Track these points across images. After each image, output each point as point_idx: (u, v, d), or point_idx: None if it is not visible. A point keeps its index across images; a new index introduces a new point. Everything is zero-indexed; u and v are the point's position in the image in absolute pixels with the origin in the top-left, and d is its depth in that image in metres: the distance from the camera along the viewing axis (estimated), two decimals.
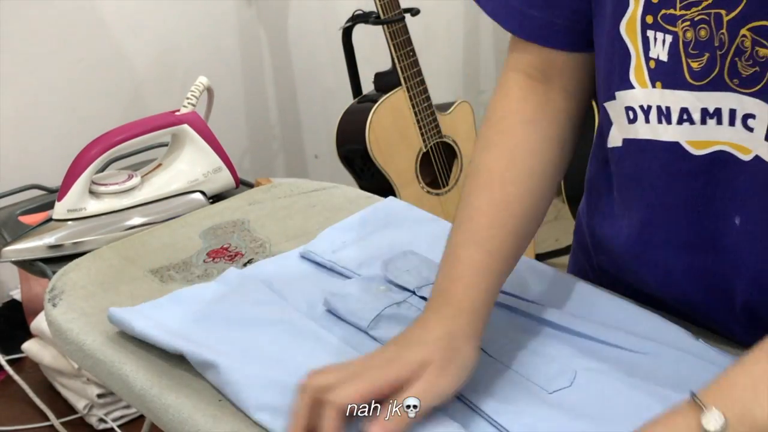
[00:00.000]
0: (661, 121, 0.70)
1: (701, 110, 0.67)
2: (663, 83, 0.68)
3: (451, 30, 2.39)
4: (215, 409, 0.70)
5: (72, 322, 0.83)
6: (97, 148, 1.17)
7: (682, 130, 0.69)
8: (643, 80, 0.70)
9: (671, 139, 0.70)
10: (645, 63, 0.69)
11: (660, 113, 0.70)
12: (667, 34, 0.67)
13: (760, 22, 0.62)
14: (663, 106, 0.69)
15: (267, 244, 0.95)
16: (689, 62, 0.66)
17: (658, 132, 0.70)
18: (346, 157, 1.91)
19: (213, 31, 1.94)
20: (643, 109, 0.71)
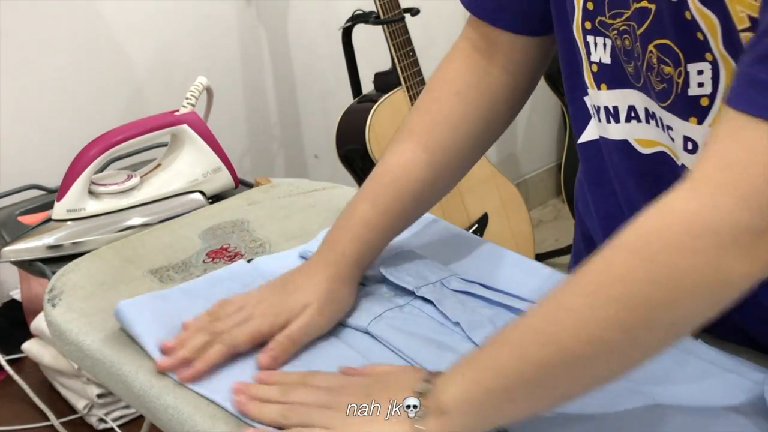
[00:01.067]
0: (609, 120, 0.72)
1: (644, 109, 0.69)
2: (608, 84, 0.70)
3: (451, 30, 2.39)
4: (214, 409, 0.70)
5: (71, 322, 0.83)
6: (96, 149, 1.18)
7: (630, 128, 0.70)
8: (591, 81, 0.72)
9: (620, 137, 0.72)
10: (588, 67, 0.72)
11: (608, 113, 0.71)
12: (606, 38, 0.69)
13: (662, 40, 0.63)
14: (610, 106, 0.71)
15: (266, 245, 0.95)
16: (626, 67, 0.68)
17: (609, 131, 0.72)
18: (346, 157, 1.91)
19: (213, 31, 1.94)
20: (596, 108, 0.73)
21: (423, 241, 0.91)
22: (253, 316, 0.75)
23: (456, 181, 0.86)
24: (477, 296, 0.80)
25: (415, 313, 0.78)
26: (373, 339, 0.76)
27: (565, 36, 0.74)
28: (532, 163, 2.78)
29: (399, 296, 0.81)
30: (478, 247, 0.91)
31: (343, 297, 0.78)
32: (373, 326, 0.77)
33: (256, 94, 2.06)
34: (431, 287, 0.81)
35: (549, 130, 2.79)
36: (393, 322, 0.77)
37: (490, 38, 0.82)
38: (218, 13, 1.93)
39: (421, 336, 0.75)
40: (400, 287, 0.81)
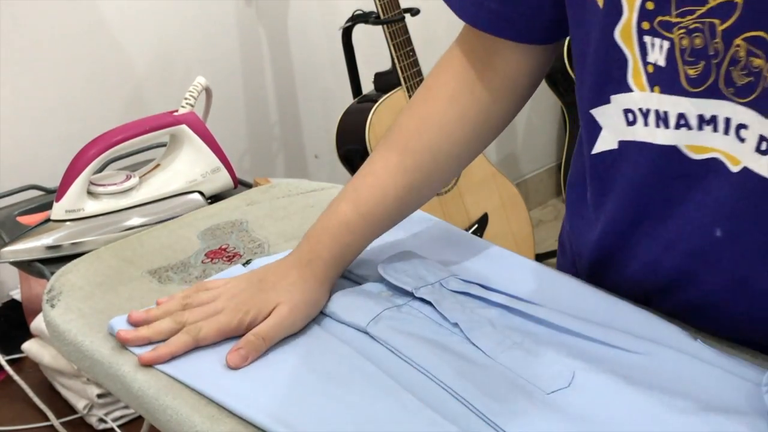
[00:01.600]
0: (659, 125, 0.70)
1: (698, 116, 0.67)
2: (661, 88, 0.68)
3: (451, 30, 2.39)
4: (213, 409, 0.70)
5: (70, 323, 0.83)
6: (95, 149, 1.18)
7: (680, 135, 0.69)
8: (641, 84, 0.70)
9: (669, 143, 0.70)
10: (643, 67, 0.69)
11: (658, 117, 0.70)
12: (664, 40, 0.67)
13: (754, 32, 0.62)
14: (661, 111, 0.69)
15: (265, 245, 0.95)
16: (686, 69, 0.66)
17: (656, 135, 0.70)
18: (346, 157, 1.91)
19: (212, 31, 1.94)
20: (642, 112, 0.71)
21: (422, 241, 0.91)
22: (223, 311, 0.75)
23: (442, 185, 0.85)
24: (476, 297, 0.80)
25: (413, 314, 0.78)
26: (371, 339, 0.76)
27: (597, 44, 0.72)
28: (532, 163, 2.78)
29: (397, 296, 0.81)
30: (478, 247, 0.91)
31: (317, 298, 0.79)
32: (371, 327, 0.77)
33: (256, 94, 2.06)
34: (430, 288, 0.81)
35: (549, 130, 2.79)
36: (391, 322, 0.77)
37: (489, 47, 0.80)
38: (218, 12, 1.94)
39: (419, 336, 0.75)
40: (399, 288, 0.81)
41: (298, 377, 0.72)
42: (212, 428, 0.68)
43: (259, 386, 0.71)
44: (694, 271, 0.73)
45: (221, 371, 0.72)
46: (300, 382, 0.71)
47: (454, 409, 0.67)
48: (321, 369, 0.72)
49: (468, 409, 0.67)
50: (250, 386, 0.71)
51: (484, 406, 0.67)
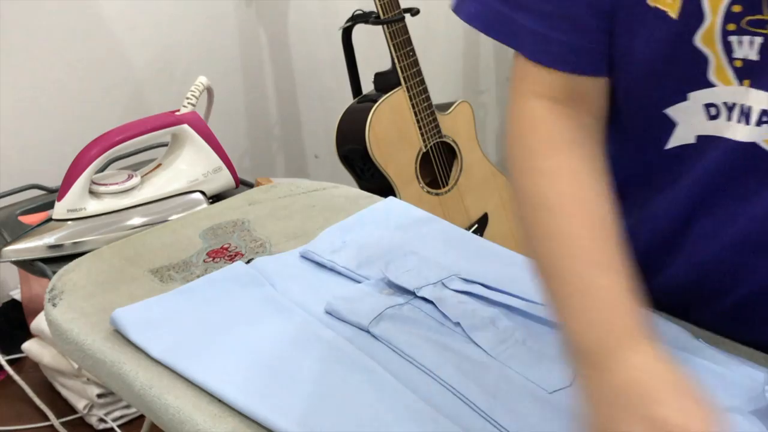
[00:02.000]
0: (740, 120, 0.69)
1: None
2: (752, 82, 0.67)
3: (451, 30, 2.39)
4: (215, 408, 0.70)
5: (72, 322, 0.83)
6: (97, 148, 1.18)
7: (760, 131, 0.68)
8: (726, 79, 0.68)
9: (747, 140, 0.69)
10: (728, 64, 0.68)
11: (741, 112, 0.69)
12: (755, 36, 0.66)
13: None
14: (746, 105, 0.68)
15: (267, 244, 0.96)
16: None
17: (735, 131, 0.69)
18: (346, 157, 1.91)
19: (213, 31, 1.94)
20: (727, 106, 0.69)
21: (424, 240, 0.91)
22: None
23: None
24: (478, 296, 0.80)
25: (415, 313, 0.78)
26: (373, 337, 0.76)
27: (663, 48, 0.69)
28: None
29: (399, 295, 0.81)
30: (479, 246, 0.91)
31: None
32: (373, 326, 0.77)
33: (256, 94, 2.06)
34: (431, 287, 0.81)
35: None
36: (393, 321, 0.77)
37: (568, 86, 0.72)
38: (218, 13, 1.94)
39: (421, 335, 0.75)
40: (401, 287, 0.81)
41: (301, 376, 0.72)
42: (214, 426, 0.68)
43: (262, 385, 0.71)
44: (753, 266, 0.72)
45: (232, 372, 0.72)
46: (302, 380, 0.71)
47: (456, 408, 0.67)
48: (323, 368, 0.72)
49: (470, 408, 0.67)
50: (255, 386, 0.71)
51: (485, 404, 0.67)
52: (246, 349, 0.75)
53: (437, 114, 1.92)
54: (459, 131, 1.99)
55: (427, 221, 0.96)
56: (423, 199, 1.92)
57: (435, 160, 1.96)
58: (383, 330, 0.76)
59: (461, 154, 2.00)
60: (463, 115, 2.00)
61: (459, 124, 1.99)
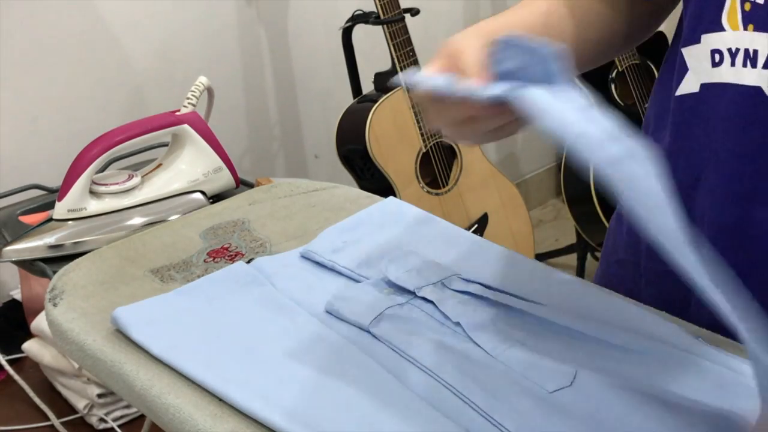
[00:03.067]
0: (746, 64, 0.69)
1: None
2: (755, 25, 0.68)
3: (451, 30, 2.39)
4: (216, 408, 0.70)
5: (72, 321, 0.83)
6: (97, 148, 1.18)
7: (766, 75, 0.68)
8: (735, 23, 0.69)
9: (754, 84, 0.69)
10: (740, 5, 0.69)
11: (746, 56, 0.69)
12: None
13: None
14: (751, 50, 0.69)
15: (267, 244, 0.96)
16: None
17: (742, 76, 0.70)
18: (346, 157, 1.91)
19: (213, 31, 1.94)
20: (731, 52, 0.70)
21: (423, 240, 0.91)
22: None
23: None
24: (478, 296, 0.81)
25: (415, 312, 0.78)
26: (373, 337, 0.76)
27: None
28: (532, 163, 2.79)
29: (399, 294, 0.81)
30: (479, 247, 0.92)
31: None
32: (373, 326, 0.77)
33: (256, 94, 2.06)
34: (431, 287, 0.81)
35: None
36: (393, 321, 0.77)
37: None
38: (218, 12, 1.94)
39: (421, 335, 0.75)
40: (400, 286, 0.82)
41: (301, 376, 0.72)
42: (214, 426, 0.68)
43: (263, 384, 0.71)
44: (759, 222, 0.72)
45: (233, 371, 0.72)
46: (303, 380, 0.71)
47: (457, 408, 0.67)
48: (323, 367, 0.72)
49: (470, 408, 0.67)
50: (256, 385, 0.71)
51: (486, 404, 0.67)
52: (246, 348, 0.75)
53: None
54: None
55: (427, 221, 0.96)
56: (423, 199, 1.92)
57: (435, 160, 1.96)
58: (384, 330, 0.76)
59: (461, 154, 2.00)
60: None
61: None
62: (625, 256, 0.89)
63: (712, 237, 0.76)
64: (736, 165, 0.73)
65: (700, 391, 0.68)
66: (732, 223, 0.74)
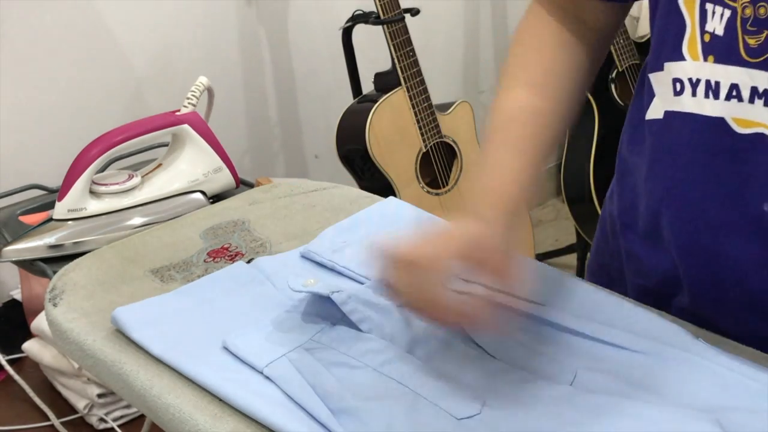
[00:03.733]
0: (708, 95, 0.69)
1: (751, 88, 0.67)
2: (716, 57, 0.68)
3: (451, 30, 2.39)
4: (216, 408, 0.70)
5: (72, 321, 0.83)
6: (97, 148, 1.18)
7: (729, 107, 0.68)
8: (695, 53, 0.69)
9: (717, 115, 0.69)
10: (699, 36, 0.69)
11: (708, 87, 0.69)
12: (726, 9, 0.66)
13: None
14: (712, 81, 0.69)
15: (267, 244, 0.96)
16: (746, 39, 0.66)
17: (704, 106, 0.70)
18: (346, 157, 1.91)
19: (213, 31, 1.94)
20: (692, 82, 0.70)
21: None
22: None
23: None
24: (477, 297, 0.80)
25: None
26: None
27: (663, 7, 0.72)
28: None
29: None
30: None
31: None
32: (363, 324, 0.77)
33: (256, 94, 2.06)
34: None
35: None
36: (394, 322, 0.77)
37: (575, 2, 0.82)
38: (218, 13, 1.94)
39: (421, 334, 0.75)
40: None
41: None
42: (214, 426, 0.68)
43: (263, 384, 0.71)
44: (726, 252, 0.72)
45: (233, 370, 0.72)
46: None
47: (456, 404, 0.67)
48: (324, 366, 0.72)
49: (470, 404, 0.67)
50: (256, 385, 0.71)
51: (484, 399, 0.67)
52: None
53: (437, 114, 1.92)
54: (459, 131, 1.99)
55: (428, 221, 0.96)
56: (423, 199, 1.92)
57: (435, 160, 1.96)
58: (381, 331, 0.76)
59: (461, 154, 2.00)
60: (463, 115, 2.00)
61: (459, 124, 1.99)
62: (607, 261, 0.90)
63: (681, 260, 0.76)
64: (700, 193, 0.73)
65: (700, 391, 0.68)
66: (698, 248, 0.75)
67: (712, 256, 0.74)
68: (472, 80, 2.50)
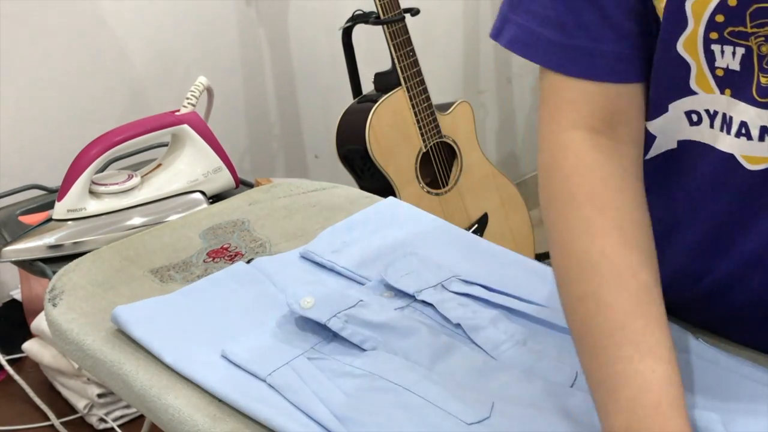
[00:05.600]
0: (723, 128, 0.67)
1: (760, 127, 0.65)
2: (732, 92, 0.66)
3: (451, 30, 2.39)
4: (215, 408, 0.70)
5: (72, 322, 0.83)
6: (97, 148, 1.18)
7: (739, 144, 0.67)
8: (708, 87, 0.66)
9: (728, 150, 0.67)
10: (710, 73, 0.66)
11: (723, 121, 0.67)
12: (737, 47, 0.64)
13: None
14: (728, 115, 0.66)
15: (267, 244, 0.96)
16: (760, 76, 0.63)
17: (718, 140, 0.68)
18: (346, 157, 1.91)
19: (213, 31, 1.94)
20: (709, 114, 0.67)
21: (423, 240, 0.91)
22: None
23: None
24: (478, 298, 0.80)
25: (415, 317, 0.78)
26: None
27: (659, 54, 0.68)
28: (532, 163, 2.78)
29: (399, 297, 0.81)
30: (479, 247, 0.91)
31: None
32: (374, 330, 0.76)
33: (256, 94, 2.06)
34: (431, 291, 0.81)
35: None
36: (394, 328, 0.76)
37: (610, 103, 0.69)
38: (218, 13, 1.94)
39: (422, 339, 0.75)
40: (400, 290, 0.81)
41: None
42: (214, 427, 0.68)
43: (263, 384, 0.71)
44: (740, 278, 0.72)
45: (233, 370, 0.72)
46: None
47: (457, 407, 0.67)
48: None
49: (471, 407, 0.67)
50: (257, 385, 0.71)
51: (487, 403, 0.67)
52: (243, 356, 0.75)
53: (437, 114, 1.92)
54: (459, 131, 1.99)
55: (427, 221, 0.96)
56: (423, 199, 1.92)
57: (435, 160, 1.96)
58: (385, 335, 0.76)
59: (461, 154, 2.00)
60: (463, 115, 2.00)
61: (459, 124, 1.99)
62: None
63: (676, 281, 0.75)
64: (709, 223, 0.72)
65: (701, 391, 0.68)
66: (699, 273, 0.74)
67: (715, 280, 0.74)
68: (472, 80, 2.50)
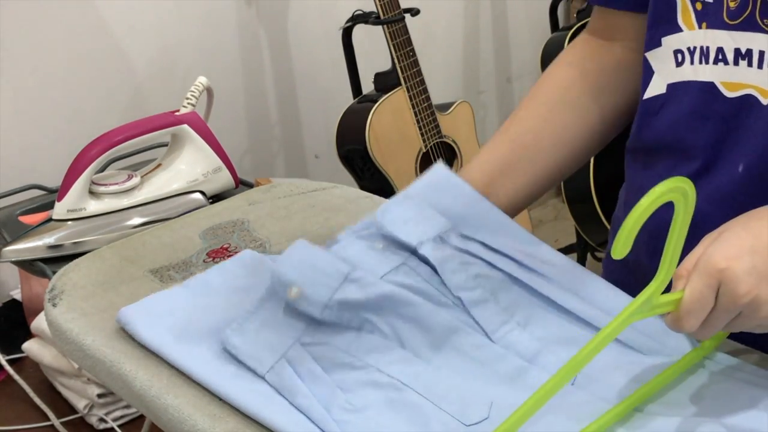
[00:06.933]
0: (701, 61, 0.72)
1: (734, 50, 0.69)
2: (708, 23, 0.71)
3: (451, 30, 2.39)
4: (215, 408, 0.70)
5: (72, 322, 0.83)
6: (97, 148, 1.18)
7: (718, 71, 0.71)
8: (690, 22, 0.72)
9: (708, 80, 0.72)
10: (692, 5, 0.72)
11: (702, 53, 0.72)
12: None
13: None
14: (704, 46, 0.71)
15: (267, 244, 0.96)
16: (728, 2, 0.68)
17: (699, 72, 0.72)
18: (346, 157, 1.91)
19: (213, 31, 1.94)
20: (690, 51, 0.73)
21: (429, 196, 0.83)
22: None
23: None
24: (479, 258, 0.77)
25: (411, 282, 0.74)
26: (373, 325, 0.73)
27: None
28: None
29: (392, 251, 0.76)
30: (486, 210, 0.85)
31: None
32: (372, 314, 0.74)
33: (256, 94, 2.06)
34: (431, 245, 0.76)
35: None
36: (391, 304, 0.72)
37: (610, 22, 0.85)
38: (218, 13, 1.94)
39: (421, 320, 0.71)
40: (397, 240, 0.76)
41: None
42: (213, 427, 0.68)
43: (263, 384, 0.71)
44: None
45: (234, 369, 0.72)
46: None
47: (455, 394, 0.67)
48: None
49: (469, 396, 0.67)
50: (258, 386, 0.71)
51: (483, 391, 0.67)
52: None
53: (437, 114, 1.92)
54: (459, 131, 1.99)
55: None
56: None
57: (435, 160, 1.96)
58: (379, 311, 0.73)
59: (461, 154, 2.00)
60: (463, 115, 2.00)
61: (459, 124, 1.99)
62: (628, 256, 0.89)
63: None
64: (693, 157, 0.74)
65: (701, 391, 0.68)
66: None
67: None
68: (472, 80, 2.50)
